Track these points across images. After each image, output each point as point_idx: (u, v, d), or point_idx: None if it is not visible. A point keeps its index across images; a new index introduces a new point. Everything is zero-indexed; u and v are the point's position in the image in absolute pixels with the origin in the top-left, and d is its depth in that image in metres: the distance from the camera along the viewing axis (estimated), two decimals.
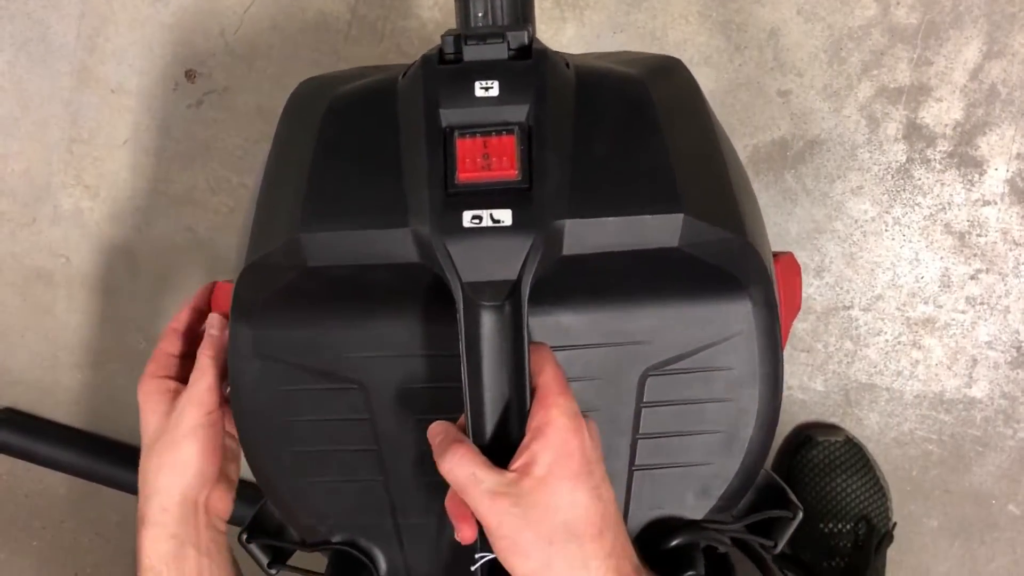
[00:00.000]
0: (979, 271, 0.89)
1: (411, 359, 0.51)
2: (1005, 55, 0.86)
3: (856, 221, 0.90)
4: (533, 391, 0.44)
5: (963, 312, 0.90)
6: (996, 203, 0.88)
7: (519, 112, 0.47)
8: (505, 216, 0.44)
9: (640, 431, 0.52)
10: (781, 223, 0.90)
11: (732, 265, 0.49)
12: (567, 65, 0.50)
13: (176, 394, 0.57)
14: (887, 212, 0.89)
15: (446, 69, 0.48)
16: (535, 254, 0.44)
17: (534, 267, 0.44)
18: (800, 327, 0.91)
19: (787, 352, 0.91)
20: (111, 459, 0.96)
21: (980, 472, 0.93)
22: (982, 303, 0.90)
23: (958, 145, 0.88)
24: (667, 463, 0.52)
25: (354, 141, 0.49)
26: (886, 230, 0.89)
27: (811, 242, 0.90)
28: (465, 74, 0.47)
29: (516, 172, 0.45)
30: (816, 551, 0.87)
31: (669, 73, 0.53)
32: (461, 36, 0.48)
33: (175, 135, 0.93)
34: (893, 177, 0.89)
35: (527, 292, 0.44)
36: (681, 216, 0.45)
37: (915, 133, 0.88)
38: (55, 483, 0.99)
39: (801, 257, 0.90)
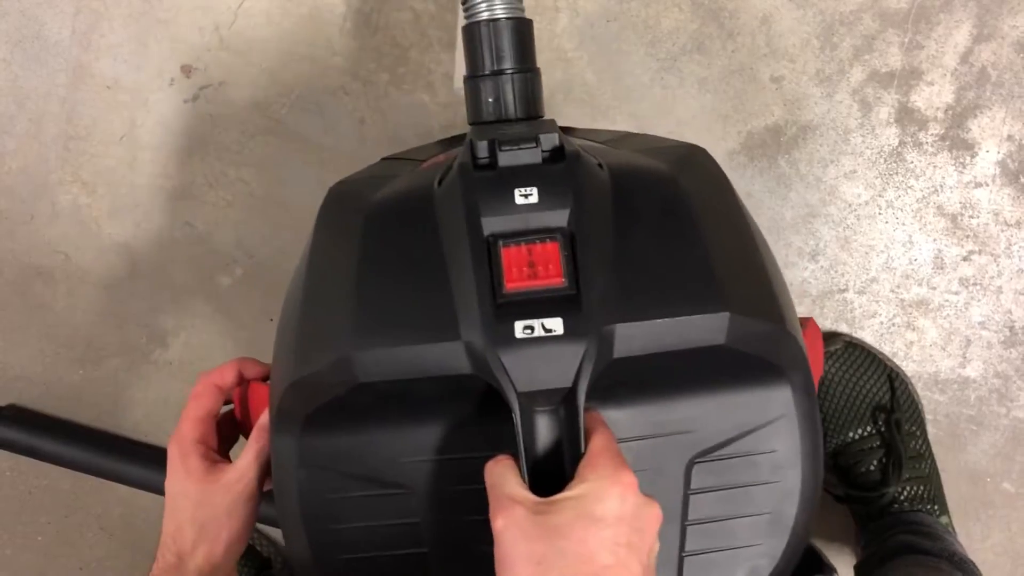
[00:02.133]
0: (972, 252, 0.90)
1: (460, 461, 0.51)
2: (995, 38, 0.87)
3: (850, 205, 0.90)
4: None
5: (956, 293, 0.91)
6: (988, 185, 0.89)
7: (559, 217, 0.47)
8: (556, 325, 0.45)
9: (689, 518, 0.52)
10: (775, 208, 0.91)
11: (773, 354, 0.49)
12: (600, 165, 0.51)
13: (215, 463, 0.57)
14: (880, 195, 0.90)
15: (484, 177, 0.48)
16: (588, 361, 0.44)
17: (588, 373, 0.44)
18: (797, 311, 0.92)
19: None
20: (114, 454, 0.96)
21: (975, 451, 0.94)
22: (975, 284, 0.91)
23: (949, 128, 0.89)
24: (716, 547, 0.53)
25: (396, 253, 0.49)
26: (879, 213, 0.90)
27: (805, 226, 0.91)
28: (504, 181, 0.48)
29: (563, 279, 0.46)
30: (851, 461, 0.87)
31: (697, 165, 0.54)
32: (495, 141, 0.49)
33: (172, 130, 0.93)
34: (886, 161, 0.90)
35: (583, 398, 0.44)
36: (728, 315, 0.46)
37: (907, 117, 0.89)
38: (59, 479, 1.00)
39: (796, 241, 0.91)
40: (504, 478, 0.43)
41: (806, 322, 0.57)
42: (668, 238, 0.49)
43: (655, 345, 0.46)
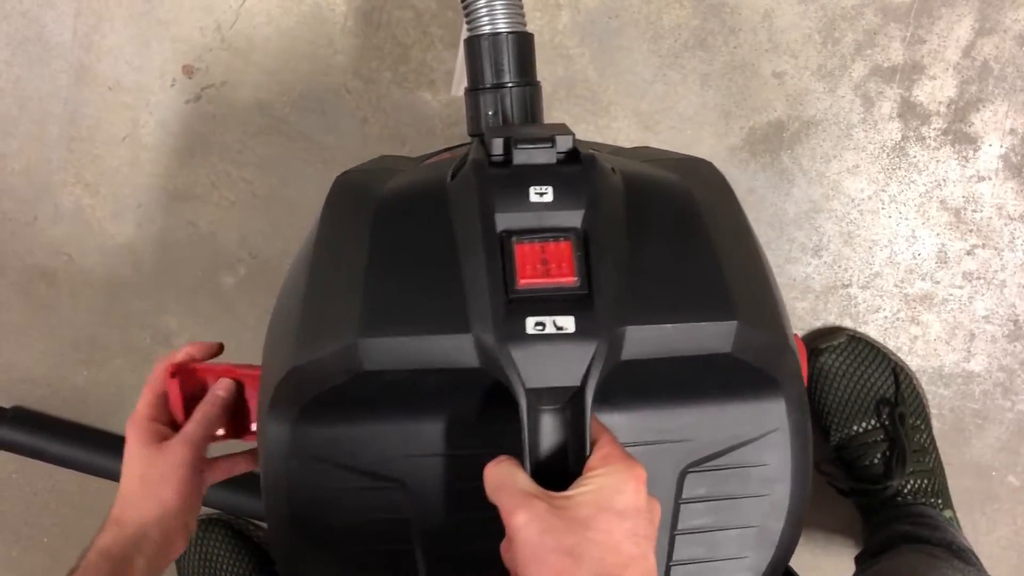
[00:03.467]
0: (975, 246, 0.90)
1: (457, 459, 0.51)
2: (997, 32, 0.87)
3: (853, 200, 0.90)
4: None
5: (960, 287, 0.91)
6: (991, 179, 0.89)
7: (574, 217, 0.47)
8: (568, 323, 0.44)
9: (678, 527, 0.52)
10: (778, 204, 0.91)
11: (772, 366, 0.50)
12: (612, 170, 0.51)
13: (165, 438, 0.64)
14: (883, 190, 0.90)
15: (499, 173, 0.48)
16: (598, 361, 0.44)
17: (597, 373, 0.44)
18: (800, 306, 0.92)
19: None
20: (119, 455, 0.95)
21: (980, 445, 0.94)
22: (979, 278, 0.91)
23: (952, 122, 0.89)
24: (703, 558, 0.53)
25: (407, 244, 0.48)
26: (883, 208, 0.90)
27: (809, 222, 0.91)
28: (519, 179, 0.48)
29: (575, 278, 0.46)
30: (855, 455, 0.88)
31: (705, 177, 0.55)
32: (511, 139, 0.49)
33: (174, 130, 0.93)
34: (888, 155, 0.90)
35: (591, 398, 0.44)
36: (736, 323, 0.46)
37: (909, 111, 0.89)
38: (64, 480, 1.00)
39: (799, 237, 0.91)
40: (513, 475, 0.43)
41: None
42: (679, 245, 0.49)
43: (663, 349, 0.46)
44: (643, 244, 0.48)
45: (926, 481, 0.87)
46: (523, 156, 0.48)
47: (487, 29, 0.67)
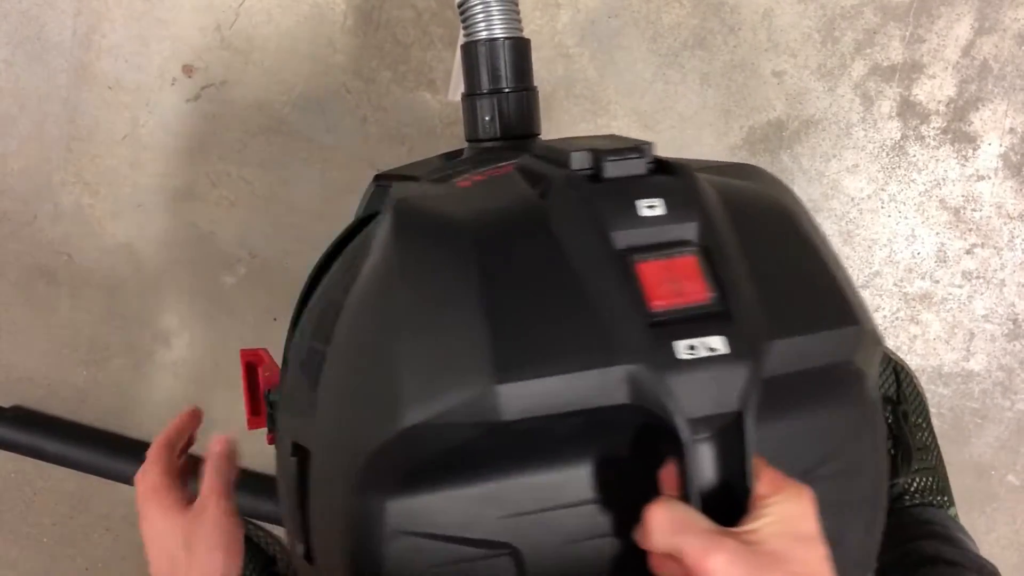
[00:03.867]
0: (974, 245, 0.90)
1: (572, 511, 0.44)
2: (996, 31, 0.87)
3: (852, 199, 0.90)
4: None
5: (959, 286, 0.91)
6: (990, 178, 0.89)
7: (688, 230, 0.43)
8: (718, 343, 0.41)
9: None
10: None
11: (872, 369, 0.48)
12: None
13: (190, 500, 0.60)
14: (883, 189, 0.90)
15: (602, 188, 0.44)
16: (755, 380, 0.41)
17: (755, 394, 0.41)
18: None
19: None
20: (118, 454, 0.96)
21: (979, 444, 0.94)
22: (978, 277, 0.91)
23: (951, 121, 0.89)
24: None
25: (520, 274, 0.43)
26: (882, 207, 0.90)
27: None
28: (624, 192, 0.44)
29: (708, 295, 0.42)
30: None
31: (770, 182, 0.53)
32: (596, 151, 0.45)
33: (174, 130, 0.93)
34: (888, 154, 0.90)
35: (753, 422, 0.41)
36: (859, 328, 0.45)
37: (909, 110, 0.89)
38: (63, 479, 1.00)
39: None
40: (691, 515, 0.39)
41: None
42: (786, 253, 0.47)
43: (798, 363, 0.43)
44: (753, 253, 0.45)
45: (930, 479, 0.87)
46: (614, 169, 0.44)
47: (484, 35, 0.68)
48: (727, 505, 0.40)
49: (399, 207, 0.47)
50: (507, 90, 0.66)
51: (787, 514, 0.39)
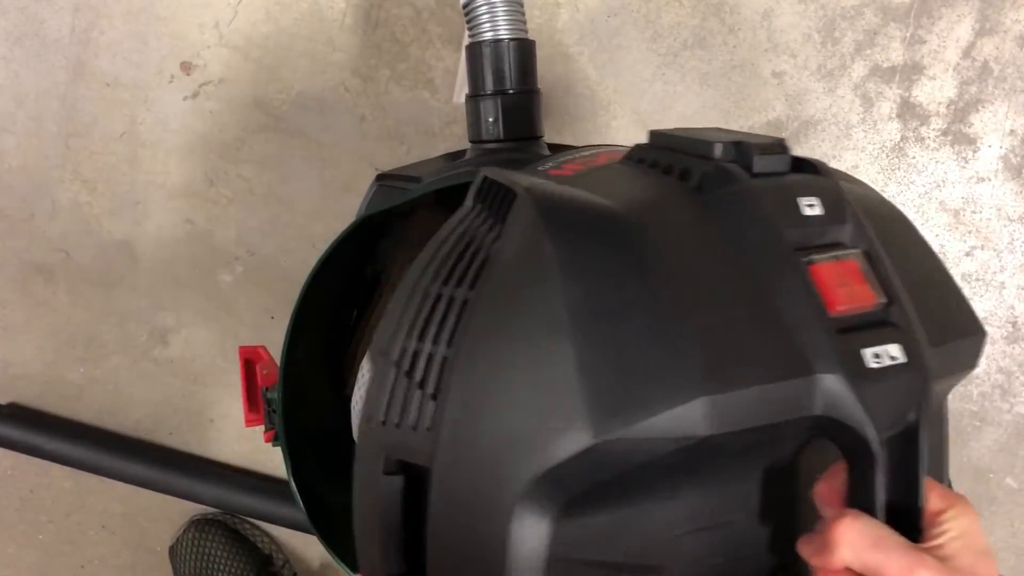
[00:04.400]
0: (974, 248, 0.90)
1: (721, 529, 0.43)
2: (997, 32, 0.87)
3: None
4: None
5: None
6: (990, 180, 0.89)
7: (844, 232, 0.41)
8: (897, 352, 0.39)
9: None
10: None
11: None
12: None
13: None
14: (882, 191, 0.90)
15: (762, 183, 0.41)
16: (927, 390, 0.39)
17: (927, 404, 0.39)
18: None
19: None
20: (115, 452, 0.96)
21: (978, 447, 0.94)
22: (978, 279, 0.91)
23: (952, 123, 0.89)
24: None
25: (695, 273, 0.39)
26: None
27: None
28: (785, 189, 0.41)
29: (877, 300, 0.40)
30: None
31: (859, 182, 0.51)
32: (743, 144, 0.42)
33: (172, 127, 0.93)
34: (888, 156, 0.89)
35: (926, 433, 0.39)
36: (984, 336, 0.43)
37: (909, 112, 0.89)
38: (60, 477, 0.99)
39: None
40: (885, 531, 0.37)
41: None
42: (918, 258, 0.45)
43: (944, 371, 0.41)
44: (894, 258, 0.43)
45: None
46: (762, 164, 0.41)
47: (489, 36, 0.68)
48: (908, 518, 0.39)
49: (548, 213, 0.41)
50: (511, 91, 0.66)
51: (965, 529, 0.39)
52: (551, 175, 0.49)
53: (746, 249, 0.40)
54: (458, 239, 0.42)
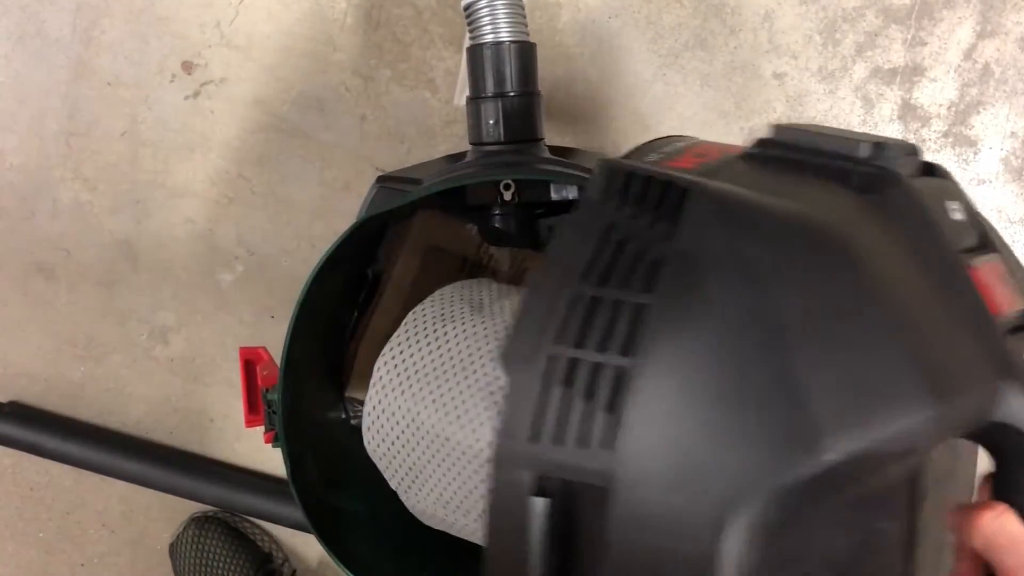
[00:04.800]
0: None
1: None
2: (998, 34, 0.87)
3: None
4: None
5: None
6: (991, 182, 0.89)
7: (975, 235, 0.41)
8: None
9: None
10: None
11: None
12: None
13: None
14: None
15: (920, 186, 0.41)
16: None
17: None
18: None
19: None
20: (115, 450, 0.96)
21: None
22: None
23: (952, 125, 0.88)
24: None
25: (895, 282, 0.38)
26: None
27: None
28: (935, 193, 0.41)
29: (1017, 302, 0.40)
30: None
31: None
32: (890, 146, 0.41)
33: (173, 127, 0.93)
34: None
35: None
36: None
37: (910, 113, 0.88)
38: (60, 475, 1.00)
39: None
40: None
41: None
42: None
43: None
44: None
45: None
46: (907, 167, 0.41)
47: (490, 38, 0.68)
48: None
49: (718, 193, 0.39)
50: (512, 94, 0.67)
51: None
52: (672, 167, 0.45)
53: (921, 252, 0.38)
54: (602, 237, 0.38)
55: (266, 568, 0.98)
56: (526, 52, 0.69)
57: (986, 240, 0.41)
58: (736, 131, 0.89)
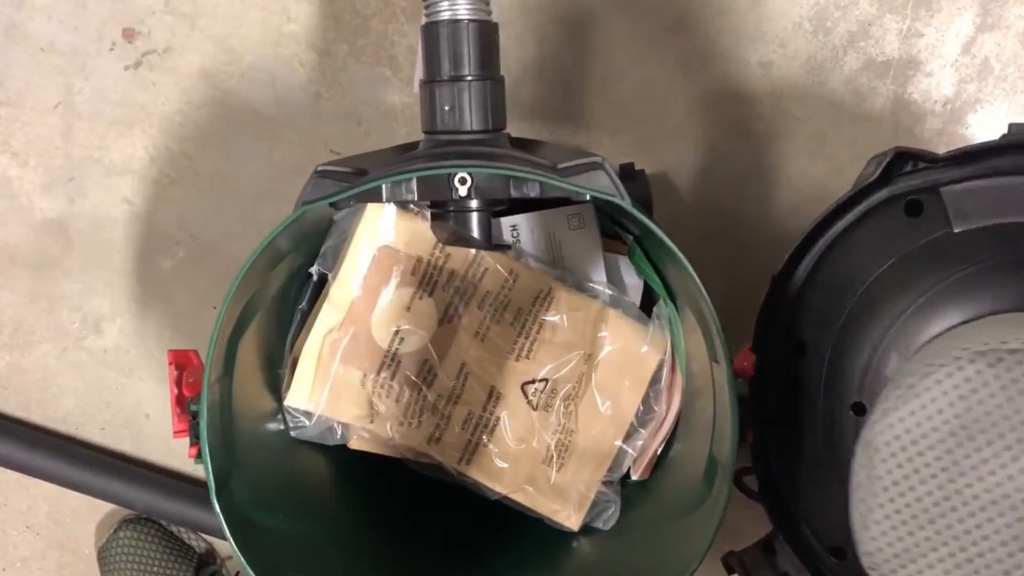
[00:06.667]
0: None
1: None
2: (1000, 28, 0.82)
3: None
4: None
5: None
6: None
7: None
8: None
9: None
10: None
11: None
12: None
13: None
14: None
15: None
16: None
17: None
18: None
19: None
20: (41, 448, 0.90)
21: None
22: None
23: (948, 123, 0.84)
24: None
25: None
26: None
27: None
28: None
29: None
30: None
31: None
32: None
33: (111, 99, 0.87)
34: None
35: None
36: None
37: (903, 110, 0.84)
38: None
39: None
40: None
41: None
42: None
43: None
44: None
45: None
46: None
47: (446, 15, 0.63)
48: None
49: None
50: (470, 78, 0.62)
51: None
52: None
53: None
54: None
55: (205, 571, 0.95)
56: (487, 32, 0.64)
57: None
58: (721, 121, 0.84)
